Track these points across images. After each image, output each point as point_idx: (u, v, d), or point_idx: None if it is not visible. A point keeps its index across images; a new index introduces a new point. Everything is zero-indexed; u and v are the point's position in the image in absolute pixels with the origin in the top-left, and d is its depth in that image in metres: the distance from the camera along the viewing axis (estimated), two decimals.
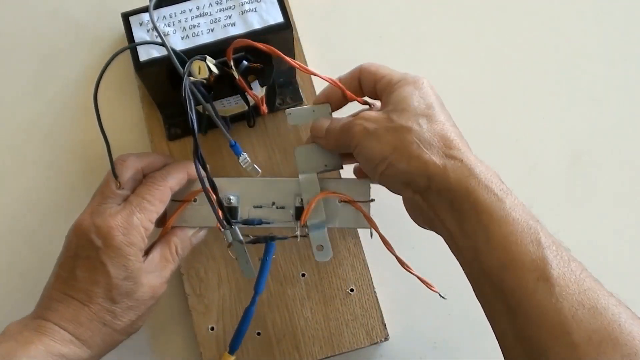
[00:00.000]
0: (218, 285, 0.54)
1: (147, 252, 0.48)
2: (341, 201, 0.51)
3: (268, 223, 0.52)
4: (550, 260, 0.36)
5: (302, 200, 0.51)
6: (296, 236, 0.51)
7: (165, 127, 0.58)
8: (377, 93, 0.48)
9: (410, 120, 0.43)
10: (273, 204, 0.52)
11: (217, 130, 0.54)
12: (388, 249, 0.50)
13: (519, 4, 0.66)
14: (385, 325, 0.53)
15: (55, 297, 0.45)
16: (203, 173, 0.43)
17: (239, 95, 0.49)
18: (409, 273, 0.51)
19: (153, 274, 0.47)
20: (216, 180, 0.50)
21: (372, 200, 0.51)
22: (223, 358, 0.51)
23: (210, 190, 0.44)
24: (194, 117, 0.43)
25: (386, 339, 0.53)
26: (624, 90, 0.63)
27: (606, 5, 0.66)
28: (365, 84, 0.49)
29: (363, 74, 0.49)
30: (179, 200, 0.52)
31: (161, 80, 0.50)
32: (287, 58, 0.47)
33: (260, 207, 0.52)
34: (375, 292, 0.54)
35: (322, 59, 0.62)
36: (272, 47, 0.46)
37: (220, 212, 0.44)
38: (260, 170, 0.47)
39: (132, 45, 0.49)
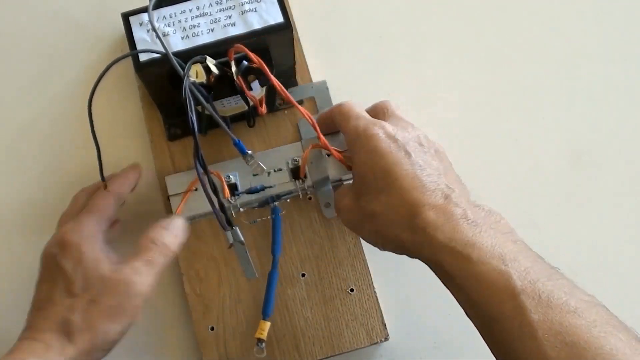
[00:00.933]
0: (218, 285, 0.54)
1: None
2: (329, 154, 0.53)
3: (270, 187, 0.53)
4: (528, 305, 0.36)
5: (296, 160, 0.54)
6: (297, 193, 0.54)
7: (165, 127, 0.58)
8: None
9: (374, 203, 0.44)
10: (270, 172, 0.54)
11: (217, 131, 0.55)
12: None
13: (519, 3, 0.66)
14: (385, 325, 0.53)
15: (29, 316, 0.45)
16: (203, 174, 0.43)
17: (239, 95, 0.49)
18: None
19: (120, 266, 0.45)
20: (213, 166, 0.52)
21: None
22: (260, 324, 0.51)
23: (208, 184, 0.44)
24: (194, 118, 0.43)
25: (386, 339, 0.53)
26: (625, 90, 0.63)
27: (606, 5, 0.66)
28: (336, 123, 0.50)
29: (335, 117, 0.50)
30: (180, 192, 0.53)
31: (161, 80, 0.50)
32: (272, 77, 0.47)
33: (259, 174, 0.54)
34: (375, 292, 0.54)
35: (322, 59, 0.62)
36: (261, 62, 0.47)
37: (221, 214, 0.44)
38: (265, 168, 0.47)
39: (127, 54, 0.49)
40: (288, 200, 0.55)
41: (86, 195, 0.51)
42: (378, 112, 0.50)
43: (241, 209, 0.54)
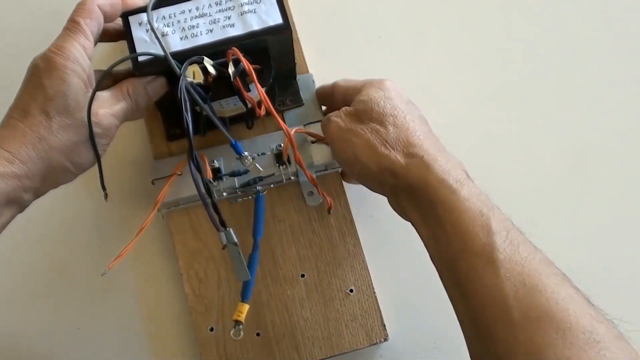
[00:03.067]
0: (218, 286, 0.54)
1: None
2: (313, 141, 0.55)
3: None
4: (498, 245, 0.39)
5: (280, 146, 0.55)
6: (281, 178, 0.55)
7: (164, 127, 0.58)
8: (346, 102, 0.51)
9: (377, 121, 0.46)
10: (254, 157, 0.54)
11: (216, 131, 0.54)
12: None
13: (520, 4, 0.65)
14: (384, 326, 0.53)
15: (0, 123, 0.46)
16: (198, 175, 0.43)
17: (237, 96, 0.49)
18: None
19: (99, 102, 0.47)
20: (199, 152, 0.52)
21: None
22: (238, 307, 0.50)
23: (201, 185, 0.44)
24: (189, 119, 0.43)
25: (385, 339, 0.53)
26: (625, 90, 0.63)
27: (607, 6, 0.65)
28: (337, 98, 0.52)
29: (335, 89, 0.53)
30: (165, 176, 0.54)
31: None
32: (257, 84, 0.47)
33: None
34: (374, 292, 0.54)
35: (322, 60, 0.62)
36: (250, 67, 0.47)
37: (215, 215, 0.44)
38: (262, 169, 0.47)
39: (124, 58, 0.49)
40: (272, 185, 0.56)
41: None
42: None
43: (224, 194, 0.55)
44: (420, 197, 0.43)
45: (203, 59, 0.47)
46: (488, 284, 0.38)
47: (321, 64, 0.61)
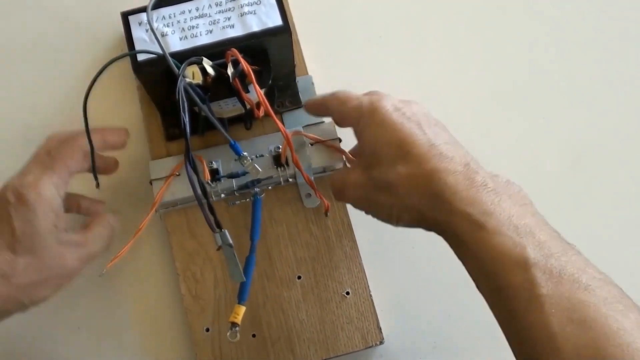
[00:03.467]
0: (214, 286, 0.54)
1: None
2: (312, 143, 0.55)
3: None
4: (539, 279, 0.36)
5: (279, 148, 0.55)
6: (279, 180, 0.55)
7: (163, 127, 0.58)
8: (344, 123, 0.48)
9: (389, 173, 0.42)
10: (252, 158, 0.54)
11: (215, 132, 0.54)
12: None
13: (520, 4, 0.65)
14: (380, 329, 0.53)
15: None
16: (194, 176, 0.43)
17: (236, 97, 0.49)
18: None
19: (68, 246, 0.48)
20: (197, 152, 0.54)
21: (339, 139, 0.55)
22: (235, 309, 0.50)
23: (198, 187, 0.44)
24: (187, 120, 0.43)
25: (381, 342, 0.53)
26: (625, 90, 0.63)
27: (607, 6, 0.65)
28: (333, 117, 0.49)
29: (329, 106, 0.49)
30: (163, 177, 0.54)
31: (159, 80, 0.50)
32: (256, 86, 0.47)
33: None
34: (371, 295, 0.54)
35: (322, 60, 0.62)
36: (249, 69, 0.46)
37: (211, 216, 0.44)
38: (260, 170, 0.47)
39: (123, 55, 0.49)
40: (270, 187, 0.56)
41: (57, 141, 0.50)
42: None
43: (222, 195, 0.55)
44: (451, 240, 0.41)
45: (202, 59, 0.47)
46: (534, 321, 0.36)
47: (321, 65, 0.61)
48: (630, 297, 0.37)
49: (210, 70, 0.46)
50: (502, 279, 0.37)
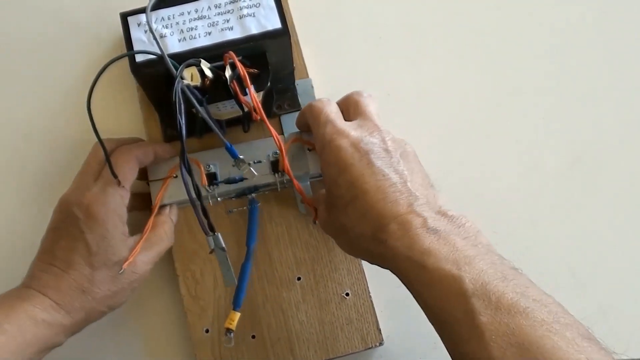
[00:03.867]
0: (214, 287, 0.54)
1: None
2: (310, 149, 0.54)
3: (248, 178, 0.54)
4: (477, 307, 0.37)
5: (277, 153, 0.54)
6: (276, 186, 0.55)
7: (161, 128, 0.58)
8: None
9: (342, 216, 0.45)
10: (250, 164, 0.53)
11: (213, 134, 0.54)
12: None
13: (520, 4, 0.65)
14: (380, 330, 0.53)
15: (38, 267, 0.48)
16: (188, 179, 0.43)
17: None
18: None
19: (137, 252, 0.50)
20: (194, 155, 0.54)
21: None
22: (230, 315, 0.52)
23: (192, 188, 0.44)
24: (183, 122, 0.43)
25: (381, 344, 0.53)
26: (625, 91, 0.62)
27: (607, 6, 0.65)
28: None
29: (307, 118, 0.50)
30: (161, 178, 0.54)
31: (158, 81, 0.50)
32: (252, 91, 0.47)
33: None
34: (370, 296, 0.54)
35: (322, 61, 0.62)
36: (246, 76, 0.46)
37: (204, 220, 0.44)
38: (256, 173, 0.47)
39: (122, 55, 0.48)
40: (267, 192, 0.56)
41: (111, 152, 0.51)
42: (349, 105, 0.49)
43: (219, 199, 0.55)
44: (401, 280, 0.42)
45: (200, 61, 0.46)
46: (476, 351, 0.36)
47: (321, 66, 0.61)
48: (571, 314, 0.38)
49: (208, 72, 0.46)
50: (445, 313, 0.38)
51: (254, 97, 0.46)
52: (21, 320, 0.45)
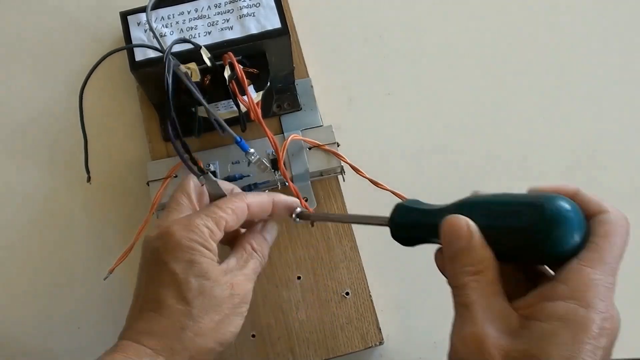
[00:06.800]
0: None
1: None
2: (310, 147, 0.54)
3: (248, 176, 0.54)
4: None
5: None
6: (276, 184, 0.54)
7: (161, 127, 0.58)
8: None
9: None
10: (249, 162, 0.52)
11: (211, 133, 0.54)
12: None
13: (520, 5, 0.65)
14: (380, 329, 0.53)
15: (131, 316, 0.42)
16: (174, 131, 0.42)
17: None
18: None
19: (232, 273, 0.43)
20: (194, 155, 0.50)
21: (338, 144, 0.55)
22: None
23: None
24: (170, 81, 0.42)
25: (381, 343, 0.53)
26: (626, 92, 0.62)
27: (607, 7, 0.65)
28: None
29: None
30: (160, 178, 0.54)
31: (157, 80, 0.50)
32: (248, 91, 0.47)
33: (238, 162, 0.55)
34: (370, 295, 0.54)
35: (322, 61, 0.62)
36: (243, 74, 0.46)
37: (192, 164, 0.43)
38: (269, 165, 0.47)
39: (120, 48, 0.49)
40: (267, 190, 0.55)
41: (187, 197, 0.45)
42: None
43: None
44: None
45: (201, 47, 0.46)
46: None
47: (321, 66, 0.61)
48: None
49: (207, 62, 0.46)
50: None
51: (250, 99, 0.46)
52: None
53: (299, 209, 0.45)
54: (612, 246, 0.33)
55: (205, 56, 0.46)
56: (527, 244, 0.32)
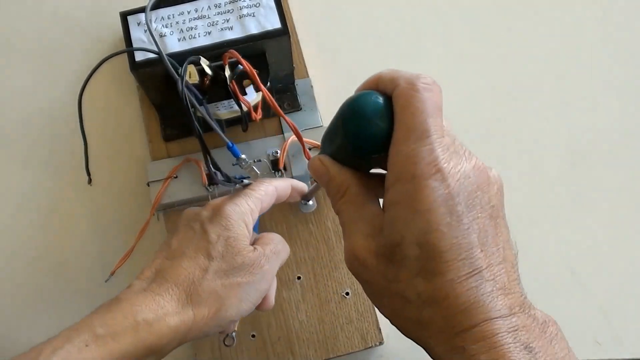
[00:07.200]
0: None
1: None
2: (310, 148, 0.54)
3: (248, 177, 0.53)
4: None
5: (277, 152, 0.54)
6: None
7: (161, 128, 0.58)
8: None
9: (405, 286, 0.32)
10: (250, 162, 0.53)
11: (212, 134, 0.54)
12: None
13: (520, 4, 0.65)
14: (380, 329, 0.53)
15: (146, 266, 0.44)
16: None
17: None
18: None
19: (257, 251, 0.44)
20: (194, 155, 0.54)
21: None
22: None
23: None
24: (191, 111, 0.42)
25: (381, 343, 0.53)
26: (625, 90, 0.62)
27: (607, 7, 0.65)
28: None
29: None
30: (160, 179, 0.54)
31: (157, 80, 0.50)
32: (261, 85, 0.47)
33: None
34: None
35: (323, 61, 0.62)
36: (252, 70, 0.46)
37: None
38: (259, 172, 0.47)
39: (120, 52, 0.49)
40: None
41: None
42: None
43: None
44: None
45: (200, 59, 0.47)
46: None
47: (321, 66, 0.61)
48: None
49: (207, 70, 0.46)
50: None
51: (265, 92, 0.46)
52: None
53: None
54: (414, 113, 0.33)
55: (206, 66, 0.46)
56: (353, 147, 0.34)
